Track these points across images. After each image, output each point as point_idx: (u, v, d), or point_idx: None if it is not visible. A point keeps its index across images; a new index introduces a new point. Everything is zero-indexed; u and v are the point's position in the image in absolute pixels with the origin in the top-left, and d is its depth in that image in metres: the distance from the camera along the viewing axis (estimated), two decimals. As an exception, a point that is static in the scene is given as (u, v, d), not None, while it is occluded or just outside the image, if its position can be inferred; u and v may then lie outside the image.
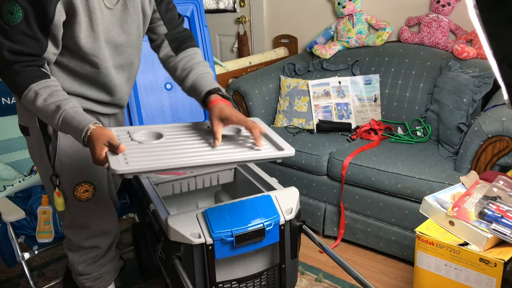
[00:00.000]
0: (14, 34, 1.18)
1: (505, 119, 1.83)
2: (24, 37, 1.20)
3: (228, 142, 1.34)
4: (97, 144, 1.17)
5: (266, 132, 1.37)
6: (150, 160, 1.18)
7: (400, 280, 2.07)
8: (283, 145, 1.31)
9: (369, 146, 2.30)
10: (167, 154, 1.23)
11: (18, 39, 1.19)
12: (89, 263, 1.59)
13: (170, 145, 1.29)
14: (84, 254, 1.57)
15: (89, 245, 1.56)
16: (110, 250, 1.63)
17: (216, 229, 1.50)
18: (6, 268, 2.18)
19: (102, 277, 1.63)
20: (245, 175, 2.04)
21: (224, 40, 3.69)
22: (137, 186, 1.98)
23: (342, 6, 2.86)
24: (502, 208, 1.42)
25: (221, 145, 1.30)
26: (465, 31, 2.56)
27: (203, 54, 2.30)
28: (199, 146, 1.30)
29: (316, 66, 2.88)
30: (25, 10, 1.17)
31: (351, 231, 2.28)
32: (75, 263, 1.58)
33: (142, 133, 1.35)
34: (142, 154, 1.22)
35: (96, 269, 1.60)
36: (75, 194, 1.48)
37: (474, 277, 1.39)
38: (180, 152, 1.25)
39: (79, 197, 1.48)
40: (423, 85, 2.49)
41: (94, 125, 1.19)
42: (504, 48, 0.80)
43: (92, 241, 1.56)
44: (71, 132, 1.22)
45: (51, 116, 1.21)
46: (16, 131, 2.28)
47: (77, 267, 1.58)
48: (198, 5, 2.30)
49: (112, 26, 1.34)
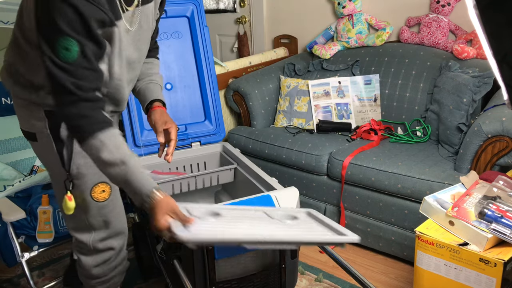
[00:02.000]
0: (74, 70, 1.15)
1: (505, 119, 1.83)
2: (84, 71, 1.17)
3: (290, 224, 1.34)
4: (161, 213, 1.17)
5: (323, 219, 1.39)
6: (215, 230, 1.17)
7: (400, 280, 2.07)
8: (343, 231, 1.30)
9: (369, 146, 2.30)
10: (230, 228, 1.21)
11: (79, 74, 1.16)
12: (103, 265, 1.55)
13: (230, 220, 1.28)
14: (99, 256, 1.54)
15: (104, 247, 1.53)
16: (121, 251, 1.60)
17: (216, 229, 1.50)
18: (6, 268, 2.18)
19: (113, 279, 1.61)
20: (245, 175, 2.04)
21: (224, 40, 3.69)
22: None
23: (342, 6, 2.86)
24: (502, 208, 1.42)
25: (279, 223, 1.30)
26: (465, 31, 2.56)
27: (203, 54, 2.30)
28: (260, 223, 1.29)
29: (316, 66, 2.89)
30: (80, 43, 1.14)
31: (351, 231, 2.26)
32: (89, 267, 1.54)
33: (200, 211, 1.34)
34: (205, 225, 1.21)
35: (109, 271, 1.57)
36: (93, 196, 1.44)
37: (474, 277, 1.39)
38: (241, 226, 1.23)
39: (97, 198, 1.45)
40: (423, 85, 2.50)
41: (158, 192, 1.19)
42: (504, 49, 0.80)
43: (107, 243, 1.53)
44: (130, 191, 1.21)
45: (113, 169, 1.20)
46: (16, 131, 2.28)
47: (91, 271, 1.55)
48: (198, 5, 2.30)
49: (128, 46, 1.34)
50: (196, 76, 2.32)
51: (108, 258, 1.55)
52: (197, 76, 2.32)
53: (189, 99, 2.31)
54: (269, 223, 1.31)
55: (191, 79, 2.31)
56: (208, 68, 2.31)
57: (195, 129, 2.28)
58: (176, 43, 2.28)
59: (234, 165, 2.16)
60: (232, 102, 2.79)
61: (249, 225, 1.24)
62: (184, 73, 2.30)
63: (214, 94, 2.32)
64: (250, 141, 2.57)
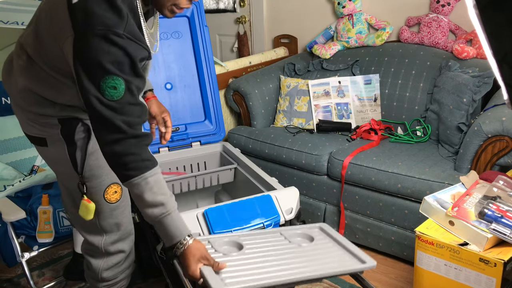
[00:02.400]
0: (122, 107, 1.15)
1: (505, 119, 1.83)
2: (131, 107, 1.17)
3: (308, 249, 1.38)
4: (193, 259, 1.20)
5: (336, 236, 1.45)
6: (247, 277, 1.20)
7: (400, 280, 2.07)
8: (363, 257, 1.33)
9: (369, 146, 2.30)
10: (260, 271, 1.24)
11: (127, 111, 1.16)
12: (113, 268, 1.54)
13: (256, 257, 1.31)
14: (109, 259, 1.52)
15: (115, 250, 1.51)
16: (131, 253, 1.59)
17: (216, 229, 1.50)
18: (6, 268, 2.18)
19: (121, 282, 1.60)
20: (245, 175, 2.04)
21: (224, 40, 3.69)
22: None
23: (342, 6, 2.86)
24: (502, 208, 1.42)
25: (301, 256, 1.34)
26: (465, 31, 2.56)
27: (203, 53, 2.30)
28: (284, 257, 1.33)
29: (316, 66, 2.89)
30: (127, 81, 1.14)
31: (351, 231, 2.28)
32: (99, 270, 1.53)
33: (223, 243, 1.38)
34: (235, 269, 1.24)
35: (118, 274, 1.56)
36: (105, 197, 1.42)
37: (474, 277, 1.39)
38: (270, 266, 1.27)
39: (109, 199, 1.43)
40: (423, 85, 2.49)
41: (191, 239, 1.22)
42: (504, 48, 0.80)
43: (118, 245, 1.52)
44: (163, 233, 1.23)
45: (151, 210, 1.21)
46: (16, 131, 2.28)
47: (101, 274, 1.53)
48: (198, 5, 2.30)
49: None
50: (196, 76, 2.32)
51: (118, 261, 1.54)
52: (197, 76, 2.32)
53: (189, 99, 2.31)
54: (291, 252, 1.35)
55: (191, 79, 2.31)
56: (208, 68, 2.31)
57: (195, 129, 2.28)
58: (176, 43, 2.28)
59: (234, 165, 2.16)
60: (232, 102, 2.79)
61: (277, 263, 1.29)
62: (184, 73, 2.30)
63: (214, 94, 2.32)
64: (250, 141, 2.57)
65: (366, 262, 1.30)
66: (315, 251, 1.38)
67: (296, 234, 1.48)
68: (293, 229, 1.51)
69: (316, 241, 1.44)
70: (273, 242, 1.42)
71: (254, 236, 1.44)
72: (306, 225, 1.55)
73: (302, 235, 1.48)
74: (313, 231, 1.50)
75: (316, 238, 1.46)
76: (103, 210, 1.44)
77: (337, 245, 1.42)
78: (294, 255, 1.33)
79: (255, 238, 1.43)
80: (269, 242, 1.41)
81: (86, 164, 1.37)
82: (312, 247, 1.40)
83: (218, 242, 1.38)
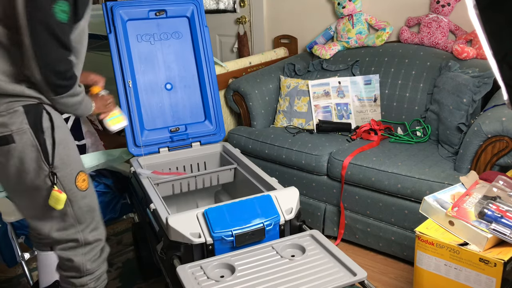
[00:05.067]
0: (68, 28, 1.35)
1: (505, 119, 1.83)
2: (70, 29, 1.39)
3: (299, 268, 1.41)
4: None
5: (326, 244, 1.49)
6: None
7: (400, 280, 2.07)
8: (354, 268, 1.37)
9: (369, 146, 2.30)
10: None
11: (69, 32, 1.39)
12: (95, 259, 1.59)
13: (248, 280, 1.35)
14: (91, 250, 1.57)
15: (94, 239, 1.57)
16: (106, 245, 1.65)
17: (216, 229, 1.50)
18: (6, 268, 2.18)
19: (102, 276, 1.64)
20: (245, 175, 2.05)
21: (224, 40, 3.70)
22: (137, 186, 1.98)
23: (342, 6, 2.86)
24: (502, 208, 1.42)
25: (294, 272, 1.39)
26: (465, 31, 2.56)
27: (204, 54, 2.30)
28: (276, 276, 1.37)
29: (316, 66, 2.89)
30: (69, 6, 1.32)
31: (351, 231, 2.28)
32: (82, 263, 1.56)
33: (214, 266, 1.42)
34: None
35: (99, 266, 1.61)
36: (77, 185, 1.47)
37: (474, 277, 1.40)
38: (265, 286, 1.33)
39: (80, 187, 1.48)
40: (423, 85, 2.50)
41: None
42: (504, 49, 0.80)
43: (96, 233, 1.58)
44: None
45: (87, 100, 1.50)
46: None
47: (85, 266, 1.57)
48: (198, 5, 2.30)
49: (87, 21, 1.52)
50: (196, 76, 2.32)
51: (98, 251, 1.59)
52: (197, 76, 2.32)
53: (189, 99, 2.31)
54: (283, 269, 1.40)
55: (191, 79, 2.31)
56: (208, 68, 2.31)
57: (195, 129, 2.28)
58: (176, 43, 2.28)
59: (234, 165, 2.16)
60: (232, 102, 2.79)
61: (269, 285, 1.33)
62: (184, 73, 2.30)
63: (214, 94, 2.32)
64: (250, 141, 2.57)
65: (357, 274, 1.34)
66: (306, 265, 1.41)
67: (287, 245, 1.51)
68: (283, 240, 1.54)
69: (307, 252, 1.47)
70: (265, 259, 1.45)
71: (246, 255, 1.47)
72: (298, 234, 1.58)
73: (294, 246, 1.51)
74: (304, 240, 1.53)
75: (307, 248, 1.49)
76: (76, 198, 1.48)
77: (328, 255, 1.45)
78: (286, 273, 1.37)
79: (247, 257, 1.46)
80: (261, 260, 1.44)
81: (56, 153, 1.41)
82: (304, 260, 1.44)
83: (210, 266, 1.41)
